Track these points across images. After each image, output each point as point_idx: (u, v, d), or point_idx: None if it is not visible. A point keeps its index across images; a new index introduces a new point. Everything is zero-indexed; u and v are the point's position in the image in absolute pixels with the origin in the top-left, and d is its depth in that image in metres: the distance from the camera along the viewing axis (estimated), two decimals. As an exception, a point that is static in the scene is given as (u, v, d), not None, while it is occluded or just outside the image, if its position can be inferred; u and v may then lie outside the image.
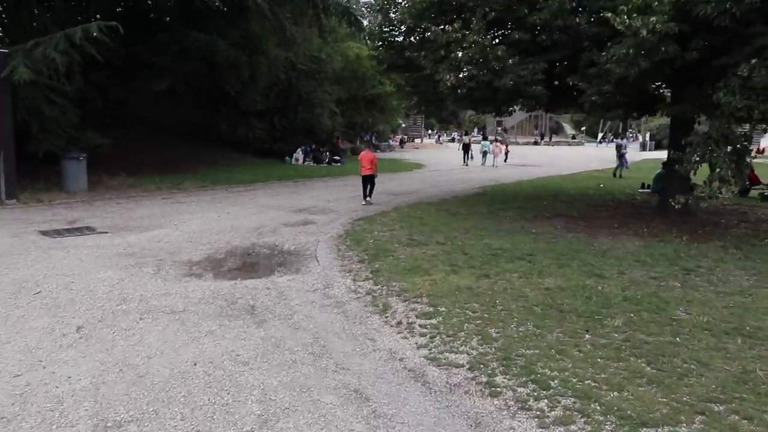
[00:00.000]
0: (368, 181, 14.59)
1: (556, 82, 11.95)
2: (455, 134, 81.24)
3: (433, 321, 5.70)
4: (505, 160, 33.09)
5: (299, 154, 27.99)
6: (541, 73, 10.74)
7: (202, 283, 7.12)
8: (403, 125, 64.09)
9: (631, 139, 71.06)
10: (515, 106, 11.59)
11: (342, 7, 21.22)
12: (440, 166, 30.89)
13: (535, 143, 67.74)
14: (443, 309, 6.00)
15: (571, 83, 10.61)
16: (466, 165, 31.77)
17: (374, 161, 14.64)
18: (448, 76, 11.08)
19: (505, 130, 74.71)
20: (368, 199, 14.56)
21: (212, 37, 19.46)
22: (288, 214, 12.62)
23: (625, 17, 8.67)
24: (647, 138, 57.05)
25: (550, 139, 77.02)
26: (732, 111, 8.73)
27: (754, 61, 8.44)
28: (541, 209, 13.50)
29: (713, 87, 9.20)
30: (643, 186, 18.69)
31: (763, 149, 37.95)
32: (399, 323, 5.71)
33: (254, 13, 20.33)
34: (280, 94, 27.04)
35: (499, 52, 10.49)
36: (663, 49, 8.82)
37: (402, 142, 53.97)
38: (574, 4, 10.42)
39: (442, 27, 11.20)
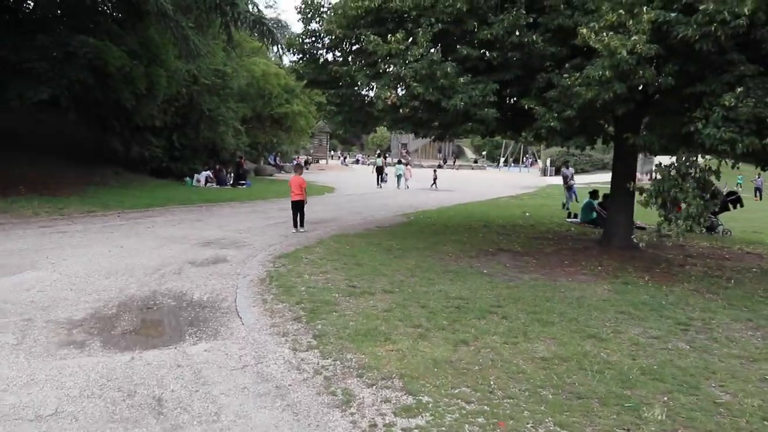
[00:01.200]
0: (298, 208, 13.26)
1: (497, 106, 10.86)
2: (359, 156, 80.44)
3: (420, 421, 4.14)
4: (432, 186, 32.20)
5: (202, 176, 25.72)
6: (493, 94, 9.54)
7: (86, 360, 5.18)
8: (307, 146, 62.68)
9: (530, 162, 73.32)
10: (466, 130, 10.34)
11: (254, 16, 19.39)
12: (352, 189, 29.48)
13: (439, 167, 67.74)
14: (427, 399, 4.46)
15: (526, 107, 9.46)
16: (380, 188, 30.72)
17: (303, 186, 13.34)
18: (388, 94, 9.64)
19: (408, 153, 74.70)
20: (300, 228, 13.25)
21: (104, 43, 17.06)
22: (194, 249, 10.69)
23: (604, 35, 7.59)
24: (548, 164, 58.45)
25: (454, 162, 77.73)
26: (713, 144, 7.82)
27: (740, 89, 7.58)
28: (479, 243, 12.29)
29: (688, 117, 8.30)
30: (570, 215, 18.06)
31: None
32: (373, 426, 4.10)
33: (154, 19, 18.12)
34: (180, 109, 24.79)
35: (449, 69, 9.20)
36: (641, 72, 7.81)
37: (307, 163, 52.24)
38: (530, 20, 9.29)
39: (381, 38, 9.76)
